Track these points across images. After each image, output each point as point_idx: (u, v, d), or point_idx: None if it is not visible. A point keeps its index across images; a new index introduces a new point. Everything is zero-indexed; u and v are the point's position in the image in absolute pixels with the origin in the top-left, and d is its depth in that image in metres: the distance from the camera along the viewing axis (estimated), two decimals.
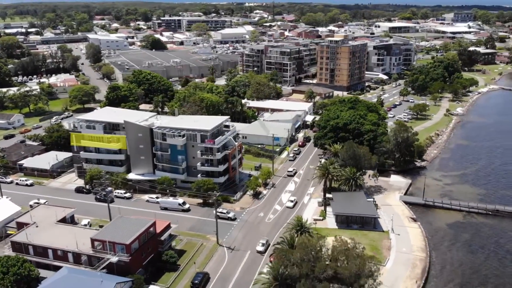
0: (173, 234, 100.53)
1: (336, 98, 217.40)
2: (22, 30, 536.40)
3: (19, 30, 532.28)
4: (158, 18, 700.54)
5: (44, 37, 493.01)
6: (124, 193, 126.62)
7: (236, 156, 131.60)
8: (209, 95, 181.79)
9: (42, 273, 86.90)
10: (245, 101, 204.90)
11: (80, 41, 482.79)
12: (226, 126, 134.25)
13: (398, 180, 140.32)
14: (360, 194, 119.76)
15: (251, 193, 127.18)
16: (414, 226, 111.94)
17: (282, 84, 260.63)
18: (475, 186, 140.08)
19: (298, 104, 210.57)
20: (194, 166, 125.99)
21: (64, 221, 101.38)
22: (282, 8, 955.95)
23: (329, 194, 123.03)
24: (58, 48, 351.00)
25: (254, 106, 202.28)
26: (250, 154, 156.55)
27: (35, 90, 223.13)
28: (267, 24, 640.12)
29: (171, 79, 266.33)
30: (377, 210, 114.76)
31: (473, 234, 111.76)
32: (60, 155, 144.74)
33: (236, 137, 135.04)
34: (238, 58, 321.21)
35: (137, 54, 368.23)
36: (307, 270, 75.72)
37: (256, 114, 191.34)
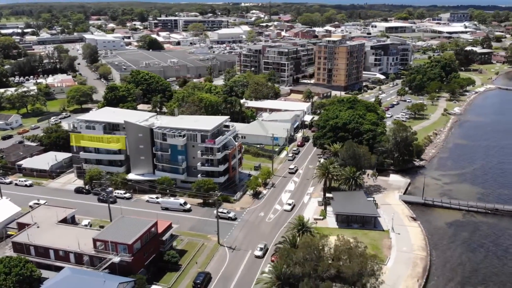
0: (174, 234, 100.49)
1: (334, 98, 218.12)
2: (18, 30, 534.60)
3: (15, 30, 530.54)
4: (154, 18, 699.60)
5: (40, 37, 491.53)
6: (124, 193, 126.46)
7: (236, 156, 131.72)
8: (208, 95, 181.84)
9: (43, 273, 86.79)
10: (243, 101, 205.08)
11: (76, 41, 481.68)
12: (226, 126, 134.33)
13: (397, 179, 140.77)
14: (360, 193, 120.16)
15: (251, 193, 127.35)
16: (414, 225, 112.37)
17: (279, 84, 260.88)
18: (474, 185, 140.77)
19: (296, 104, 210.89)
20: (194, 166, 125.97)
21: (65, 221, 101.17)
22: (278, 8, 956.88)
23: (328, 194, 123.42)
24: (55, 48, 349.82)
25: (252, 106, 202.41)
26: (249, 154, 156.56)
27: (33, 90, 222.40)
28: (264, 24, 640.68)
29: (168, 79, 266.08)
30: (377, 210, 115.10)
31: (472, 233, 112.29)
32: (59, 156, 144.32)
33: (236, 137, 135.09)
34: (236, 58, 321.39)
35: (134, 54, 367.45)
36: (310, 269, 75.92)
37: (254, 114, 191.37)
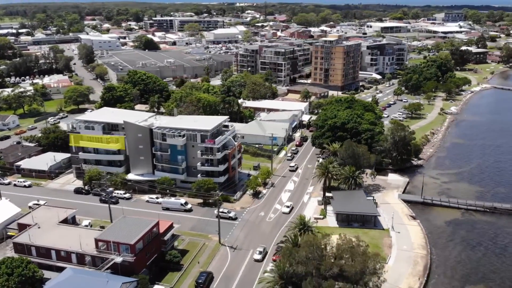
0: (175, 234, 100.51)
1: (331, 97, 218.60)
2: (12, 31, 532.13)
3: (10, 31, 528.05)
4: (149, 18, 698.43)
5: (35, 37, 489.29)
6: (123, 193, 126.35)
7: (235, 155, 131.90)
8: (206, 95, 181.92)
9: (45, 274, 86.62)
10: (241, 101, 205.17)
11: (71, 41, 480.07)
12: (225, 126, 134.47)
13: (396, 178, 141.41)
14: (359, 192, 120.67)
15: (251, 192, 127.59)
16: (413, 224, 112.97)
17: (276, 84, 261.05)
18: (471, 184, 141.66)
19: (294, 103, 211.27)
20: (194, 166, 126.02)
21: (65, 222, 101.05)
22: (273, 8, 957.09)
23: (328, 193, 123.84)
24: (50, 48, 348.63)
25: (250, 106, 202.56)
26: (248, 154, 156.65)
27: (29, 91, 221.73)
28: (259, 24, 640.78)
29: (165, 79, 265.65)
30: (377, 209, 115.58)
31: (472, 231, 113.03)
32: (57, 156, 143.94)
33: (235, 137, 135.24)
34: (233, 58, 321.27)
35: (130, 54, 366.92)
36: (313, 268, 76.21)
37: (253, 114, 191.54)
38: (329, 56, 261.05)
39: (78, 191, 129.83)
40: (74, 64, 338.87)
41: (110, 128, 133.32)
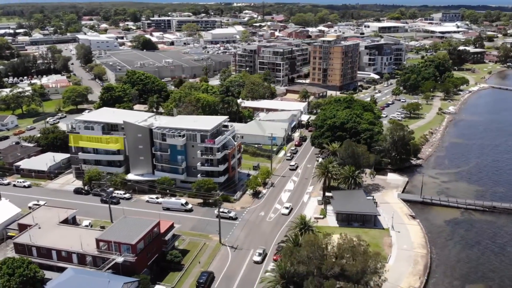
0: (176, 234, 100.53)
1: (329, 97, 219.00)
2: (10, 31, 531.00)
3: (7, 31, 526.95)
4: (147, 18, 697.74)
5: (32, 38, 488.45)
6: (123, 193, 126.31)
7: (235, 155, 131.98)
8: (204, 95, 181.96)
9: (45, 274, 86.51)
10: (239, 101, 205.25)
11: (69, 41, 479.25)
12: (225, 126, 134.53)
13: (395, 178, 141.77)
14: (359, 192, 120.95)
15: (251, 192, 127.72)
16: (413, 223, 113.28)
17: (275, 84, 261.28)
18: (470, 183, 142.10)
19: (293, 103, 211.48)
20: (193, 166, 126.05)
21: (66, 222, 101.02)
22: (270, 8, 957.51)
23: (328, 193, 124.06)
24: (48, 49, 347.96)
25: (249, 106, 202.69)
26: (247, 154, 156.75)
27: (27, 91, 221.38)
28: (257, 24, 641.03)
29: (164, 79, 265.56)
30: (376, 208, 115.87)
31: (471, 230, 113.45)
32: (57, 156, 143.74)
33: (235, 136, 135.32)
34: (231, 58, 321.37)
35: (128, 54, 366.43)
36: (314, 267, 76.39)
37: (252, 114, 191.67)
38: (327, 56, 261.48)
39: (77, 191, 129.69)
40: (72, 64, 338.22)
41: (109, 128, 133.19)
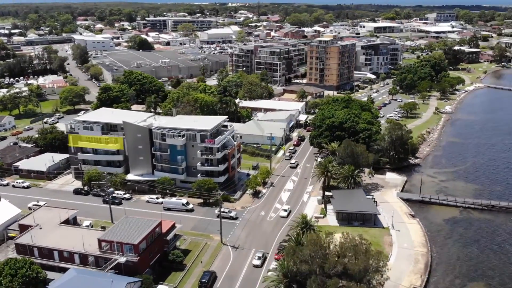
0: (177, 234, 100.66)
1: (327, 97, 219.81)
2: (5, 31, 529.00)
3: (2, 31, 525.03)
4: (143, 18, 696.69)
5: (28, 38, 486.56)
6: (123, 194, 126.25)
7: (235, 155, 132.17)
8: (203, 95, 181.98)
9: (47, 275, 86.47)
10: (237, 101, 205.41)
11: (64, 42, 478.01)
12: (224, 126, 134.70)
13: (394, 177, 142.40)
14: (359, 191, 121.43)
15: (251, 192, 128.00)
16: (413, 222, 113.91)
17: (272, 84, 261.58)
18: (468, 182, 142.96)
19: (291, 103, 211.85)
20: (193, 166, 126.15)
21: (67, 222, 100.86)
22: (266, 8, 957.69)
23: (327, 192, 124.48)
24: (44, 49, 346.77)
25: (246, 106, 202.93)
26: (246, 154, 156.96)
27: (24, 91, 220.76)
28: (253, 24, 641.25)
29: (160, 80, 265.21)
30: (376, 207, 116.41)
31: (470, 229, 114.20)
32: (56, 157, 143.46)
33: (234, 136, 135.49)
34: (228, 58, 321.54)
35: (124, 54, 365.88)
36: (317, 266, 76.69)
37: (250, 114, 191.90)
38: (324, 56, 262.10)
39: (77, 192, 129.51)
40: (68, 64, 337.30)
41: (108, 128, 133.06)
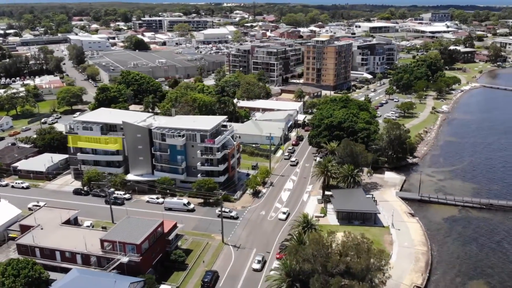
0: (179, 233, 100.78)
1: (324, 97, 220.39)
2: (0, 31, 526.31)
3: None
4: (138, 18, 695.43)
5: (23, 38, 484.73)
6: (123, 194, 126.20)
7: (235, 155, 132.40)
8: (201, 95, 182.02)
9: (50, 275, 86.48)
10: (235, 101, 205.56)
11: (60, 42, 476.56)
12: (223, 126, 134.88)
13: (393, 176, 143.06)
14: (359, 190, 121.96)
15: (251, 192, 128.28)
16: (413, 221, 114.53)
17: (269, 84, 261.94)
18: (466, 181, 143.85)
19: (288, 103, 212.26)
20: (193, 166, 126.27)
21: (68, 223, 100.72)
22: (261, 8, 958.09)
23: (327, 192, 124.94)
24: (40, 49, 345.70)
25: (244, 106, 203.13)
26: (245, 154, 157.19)
27: (21, 92, 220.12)
28: (249, 24, 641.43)
29: (157, 80, 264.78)
30: (376, 206, 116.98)
31: (469, 227, 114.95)
32: (55, 157, 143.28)
33: (234, 136, 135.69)
34: (225, 58, 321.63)
35: (121, 54, 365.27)
36: (320, 265, 77.05)
37: (248, 114, 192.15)
38: (321, 56, 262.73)
39: (77, 192, 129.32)
40: (64, 64, 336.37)
41: (108, 128, 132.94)
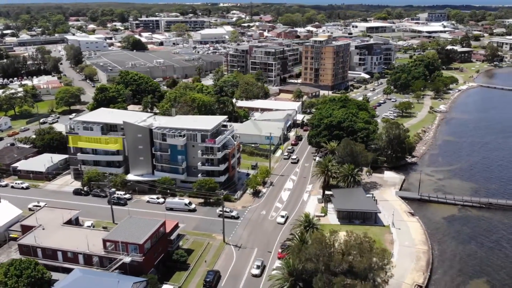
0: (180, 233, 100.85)
1: (322, 97, 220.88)
2: None
3: None
4: (135, 18, 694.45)
5: (20, 39, 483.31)
6: (123, 194, 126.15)
7: (235, 155, 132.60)
8: (200, 95, 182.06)
9: (52, 275, 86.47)
10: (233, 101, 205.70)
11: (57, 42, 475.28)
12: (224, 126, 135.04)
13: (392, 176, 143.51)
14: (359, 190, 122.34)
15: (251, 191, 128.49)
16: (413, 220, 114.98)
17: (267, 84, 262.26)
18: (465, 180, 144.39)
19: (287, 103, 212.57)
20: (194, 166, 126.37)
21: (69, 223, 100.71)
22: (257, 8, 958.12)
23: (327, 191, 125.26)
24: (37, 50, 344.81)
25: (243, 106, 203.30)
26: (245, 154, 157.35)
27: (19, 92, 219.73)
28: (246, 24, 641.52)
29: (155, 80, 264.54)
30: (377, 205, 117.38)
31: (469, 226, 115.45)
32: (54, 157, 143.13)
33: (234, 136, 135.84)
34: (223, 58, 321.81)
35: (118, 55, 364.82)
36: (322, 264, 77.33)
37: (247, 114, 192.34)
38: (319, 56, 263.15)
39: (77, 192, 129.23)
40: (61, 64, 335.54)
41: (108, 128, 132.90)
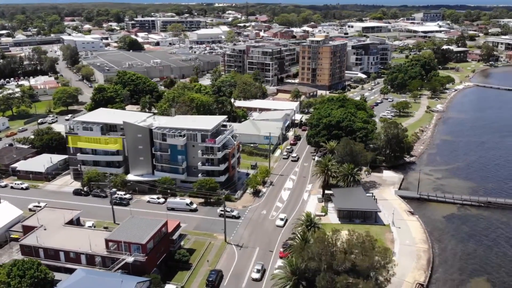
0: (182, 233, 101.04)
1: (320, 97, 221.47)
2: None
3: None
4: (131, 19, 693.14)
5: (16, 39, 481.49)
6: (123, 194, 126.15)
7: (235, 155, 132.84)
8: (199, 95, 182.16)
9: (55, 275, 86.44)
10: (232, 101, 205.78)
11: (53, 42, 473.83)
12: (223, 126, 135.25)
13: (391, 175, 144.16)
14: (359, 189, 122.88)
15: (251, 191, 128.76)
16: (412, 219, 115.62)
17: (264, 83, 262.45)
18: (463, 179, 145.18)
19: (285, 103, 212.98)
20: (194, 165, 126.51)
21: (71, 223, 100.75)
22: (253, 8, 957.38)
23: (327, 190, 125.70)
24: (33, 50, 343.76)
25: (241, 106, 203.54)
26: (244, 153, 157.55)
27: (17, 92, 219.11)
28: (242, 24, 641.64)
29: (152, 80, 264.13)
30: (377, 205, 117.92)
31: (468, 225, 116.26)
32: (54, 158, 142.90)
33: (234, 136, 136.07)
34: (219, 58, 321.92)
35: (115, 55, 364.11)
36: (325, 263, 77.73)
37: (246, 114, 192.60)
38: (316, 56, 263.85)
39: (77, 193, 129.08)
40: (57, 64, 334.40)
41: (108, 129, 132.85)
